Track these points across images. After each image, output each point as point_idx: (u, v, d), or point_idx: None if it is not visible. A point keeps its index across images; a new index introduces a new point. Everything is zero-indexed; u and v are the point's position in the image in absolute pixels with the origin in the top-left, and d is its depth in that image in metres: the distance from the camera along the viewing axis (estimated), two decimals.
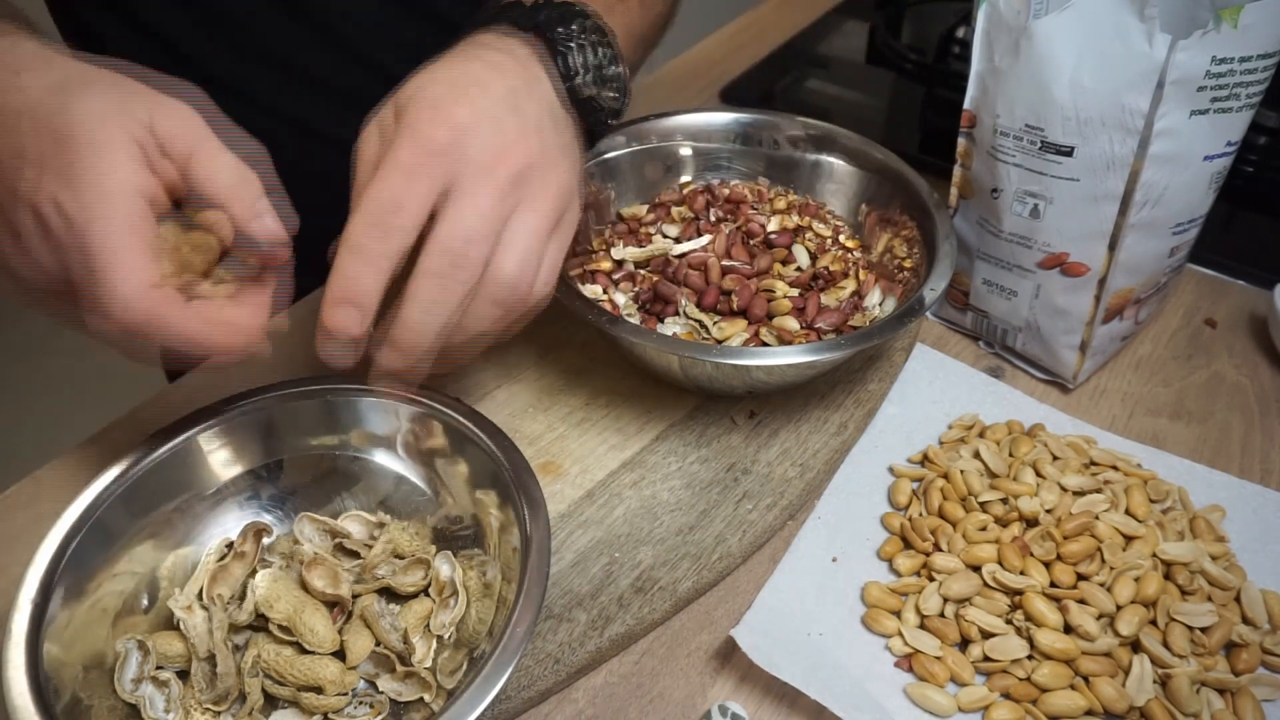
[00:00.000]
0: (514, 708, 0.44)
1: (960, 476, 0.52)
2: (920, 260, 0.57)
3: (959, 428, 0.57)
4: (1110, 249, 0.54)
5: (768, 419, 0.56)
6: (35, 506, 0.52)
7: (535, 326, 0.62)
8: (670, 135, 0.66)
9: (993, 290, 0.60)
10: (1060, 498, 0.50)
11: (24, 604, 0.38)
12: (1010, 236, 0.58)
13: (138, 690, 0.40)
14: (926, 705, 0.44)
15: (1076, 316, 0.57)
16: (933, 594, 0.47)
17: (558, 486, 0.53)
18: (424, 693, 0.41)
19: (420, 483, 0.49)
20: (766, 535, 0.51)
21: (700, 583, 0.48)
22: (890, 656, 0.46)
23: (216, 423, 0.46)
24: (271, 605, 0.42)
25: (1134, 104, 0.50)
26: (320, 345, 0.42)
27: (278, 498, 0.48)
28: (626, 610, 0.46)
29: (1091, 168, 0.53)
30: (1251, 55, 0.49)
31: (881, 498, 0.54)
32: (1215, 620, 0.46)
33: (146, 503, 0.44)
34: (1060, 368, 0.60)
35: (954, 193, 0.61)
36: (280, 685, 0.41)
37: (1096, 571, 0.47)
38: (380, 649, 0.42)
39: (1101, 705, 0.43)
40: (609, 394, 0.58)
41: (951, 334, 0.65)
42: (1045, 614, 0.45)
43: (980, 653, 0.45)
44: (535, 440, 0.55)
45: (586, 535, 0.50)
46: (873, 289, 0.59)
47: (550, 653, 0.44)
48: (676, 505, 0.51)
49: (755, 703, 0.45)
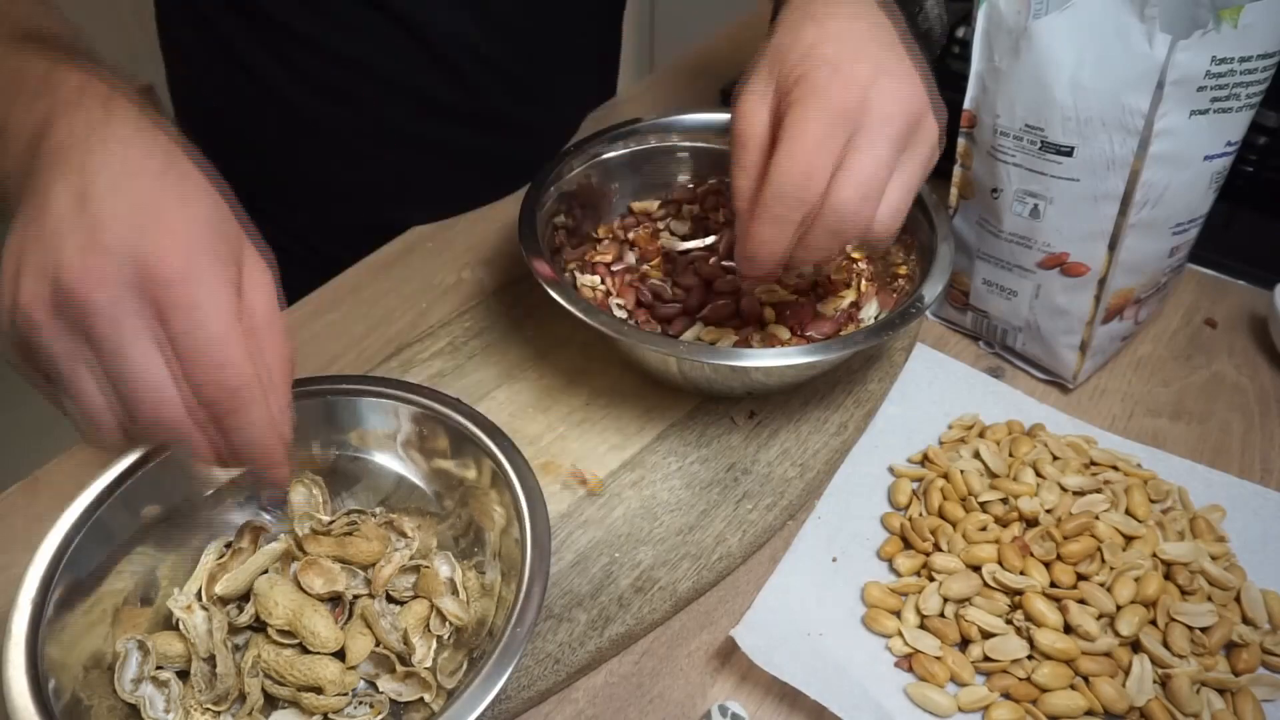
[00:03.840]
0: (514, 708, 0.44)
1: (960, 476, 0.52)
2: (916, 266, 0.57)
3: (959, 428, 0.57)
4: (1110, 249, 0.54)
5: (768, 419, 0.56)
6: (35, 507, 0.52)
7: (535, 327, 0.63)
8: (670, 135, 0.66)
9: (993, 290, 0.60)
10: (1060, 498, 0.50)
11: (24, 604, 0.38)
12: (1010, 236, 0.58)
13: (138, 690, 0.40)
14: (926, 705, 0.44)
15: (1076, 316, 0.57)
16: (933, 594, 0.47)
17: (558, 487, 0.53)
18: (424, 693, 0.41)
19: (420, 483, 0.49)
20: (766, 535, 0.51)
21: (700, 583, 0.48)
22: (890, 656, 0.46)
23: None
24: (271, 612, 0.42)
25: (1134, 104, 0.50)
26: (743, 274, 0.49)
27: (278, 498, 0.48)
28: (626, 610, 0.46)
29: (1091, 168, 0.53)
30: (1251, 55, 0.49)
31: (881, 498, 0.54)
32: (1215, 620, 0.46)
33: (146, 502, 0.44)
34: (1060, 368, 0.60)
35: (954, 193, 0.61)
36: (280, 685, 0.41)
37: (1096, 571, 0.47)
38: (380, 649, 0.42)
39: (1101, 705, 0.43)
40: (609, 394, 0.58)
41: (951, 334, 0.65)
42: (1045, 614, 0.45)
43: (980, 653, 0.45)
44: (535, 440, 0.55)
45: (586, 535, 0.50)
46: (871, 300, 0.59)
47: (550, 653, 0.44)
48: (676, 505, 0.51)
49: (755, 703, 0.45)
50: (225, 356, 0.35)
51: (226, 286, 0.36)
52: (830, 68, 0.44)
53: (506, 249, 0.70)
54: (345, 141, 0.75)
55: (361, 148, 0.75)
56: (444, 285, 0.67)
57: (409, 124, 0.75)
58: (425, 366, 0.60)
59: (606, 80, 0.91)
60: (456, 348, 0.61)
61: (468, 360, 0.60)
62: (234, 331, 0.35)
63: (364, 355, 0.61)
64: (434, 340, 0.62)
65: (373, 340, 0.62)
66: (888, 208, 0.46)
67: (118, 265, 0.34)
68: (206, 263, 0.35)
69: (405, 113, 0.74)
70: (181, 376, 0.35)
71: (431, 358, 0.60)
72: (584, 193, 0.63)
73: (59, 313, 0.34)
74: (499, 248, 0.70)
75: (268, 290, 0.38)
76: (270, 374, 0.37)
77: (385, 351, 0.61)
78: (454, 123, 0.76)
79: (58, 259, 0.34)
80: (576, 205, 0.63)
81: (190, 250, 0.35)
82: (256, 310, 0.37)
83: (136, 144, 0.37)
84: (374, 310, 0.65)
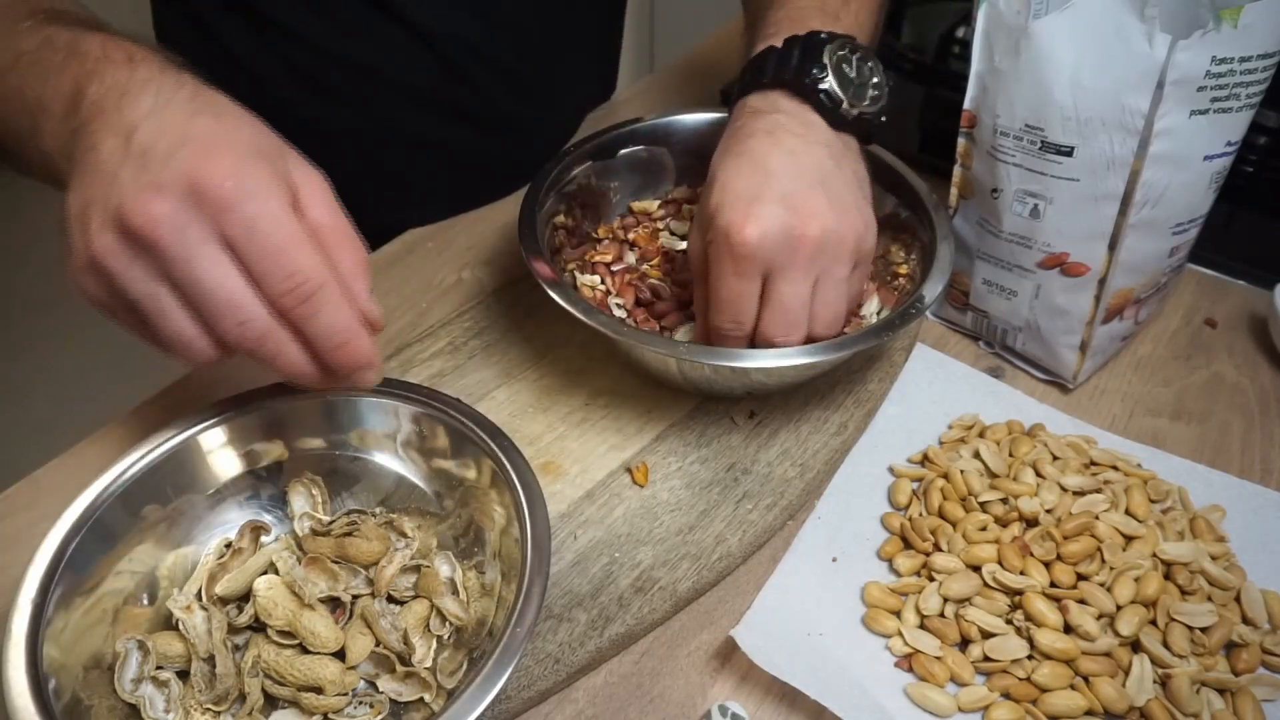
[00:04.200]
0: (514, 708, 0.44)
1: (960, 476, 0.52)
2: (916, 266, 0.57)
3: (959, 428, 0.57)
4: (1110, 249, 0.54)
5: (768, 419, 0.56)
6: (35, 507, 0.52)
7: (535, 326, 0.62)
8: (670, 135, 0.66)
9: (993, 290, 0.60)
10: (1060, 498, 0.50)
11: (24, 604, 0.38)
12: (1010, 236, 0.58)
13: (138, 690, 0.40)
14: (926, 705, 0.44)
15: (1076, 316, 0.57)
16: (933, 594, 0.47)
17: (558, 486, 0.53)
18: (424, 693, 0.41)
19: (420, 483, 0.49)
20: (766, 535, 0.51)
21: (700, 583, 0.48)
22: (890, 656, 0.46)
23: (216, 423, 0.46)
24: (270, 613, 0.42)
25: (1134, 104, 0.50)
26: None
27: (277, 498, 0.48)
28: (626, 610, 0.46)
29: (1091, 168, 0.53)
30: (1251, 55, 0.49)
31: (881, 498, 0.54)
32: (1215, 620, 0.46)
33: (146, 502, 0.44)
34: (1060, 368, 0.60)
35: (954, 193, 0.61)
36: (280, 685, 0.41)
37: (1096, 571, 0.47)
38: (380, 649, 0.42)
39: (1101, 705, 0.43)
40: (609, 394, 0.58)
41: (951, 334, 0.65)
42: (1045, 614, 0.45)
43: (980, 653, 0.45)
44: (535, 440, 0.55)
45: (586, 535, 0.50)
46: (872, 297, 0.59)
47: (550, 653, 0.44)
48: (676, 505, 0.51)
49: (755, 703, 0.45)
50: (294, 264, 0.37)
51: (279, 196, 0.37)
52: (739, 207, 0.48)
53: (506, 249, 0.70)
54: (344, 142, 0.74)
55: (361, 148, 0.75)
56: (444, 285, 0.67)
57: (409, 124, 0.75)
58: (425, 366, 0.60)
59: (606, 80, 0.91)
60: (456, 348, 0.61)
61: (468, 360, 0.60)
62: (296, 237, 0.37)
63: None
64: (434, 340, 0.62)
65: None
66: (821, 325, 0.50)
67: (173, 193, 0.36)
68: (255, 177, 0.37)
69: (405, 113, 0.74)
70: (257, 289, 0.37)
71: (431, 358, 0.60)
72: (584, 193, 0.63)
73: (131, 252, 0.36)
74: (499, 248, 0.70)
75: (324, 198, 0.41)
76: (345, 277, 0.39)
77: (385, 351, 0.61)
78: (454, 122, 0.76)
79: (118, 203, 0.36)
80: (576, 205, 0.63)
81: (237, 167, 0.37)
82: (317, 217, 0.39)
83: (164, 80, 0.39)
84: None
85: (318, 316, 0.38)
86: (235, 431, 0.47)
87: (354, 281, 0.40)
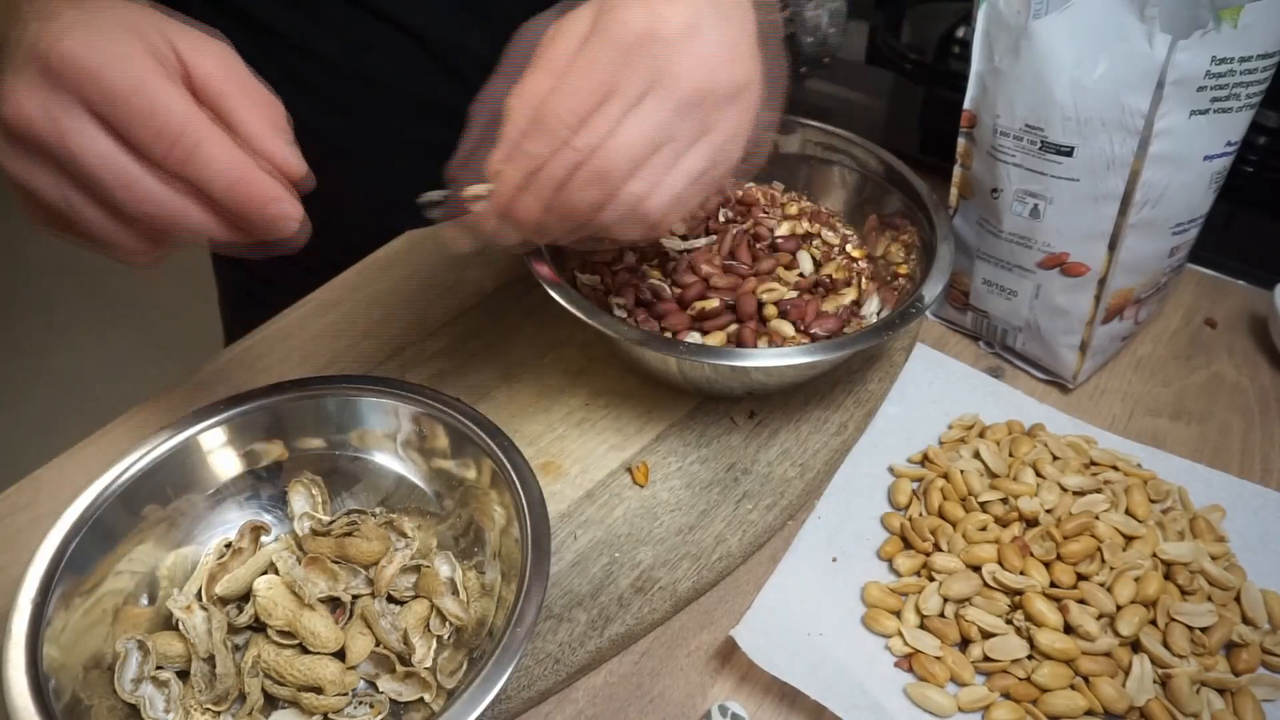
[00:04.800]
0: (514, 708, 0.44)
1: (960, 476, 0.52)
2: (916, 266, 0.57)
3: (959, 428, 0.57)
4: (1110, 249, 0.54)
5: (768, 419, 0.56)
6: (35, 507, 0.52)
7: (535, 327, 0.62)
8: None
9: (993, 290, 0.60)
10: (1060, 498, 0.50)
11: (24, 604, 0.38)
12: (1010, 236, 0.58)
13: (138, 690, 0.40)
14: (926, 705, 0.44)
15: (1076, 316, 0.57)
16: (933, 594, 0.47)
17: (558, 486, 0.53)
18: (424, 693, 0.41)
19: (420, 483, 0.49)
20: (766, 535, 0.51)
21: (700, 583, 0.48)
22: (890, 656, 0.46)
23: (216, 423, 0.46)
24: (270, 613, 0.42)
25: (1134, 104, 0.50)
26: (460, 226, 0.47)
27: (277, 498, 0.48)
28: (626, 610, 0.46)
29: (1091, 168, 0.53)
30: (1251, 55, 0.49)
31: (881, 498, 0.54)
32: (1215, 620, 0.46)
33: (146, 502, 0.44)
34: (1060, 368, 0.60)
35: (954, 193, 0.61)
36: (280, 685, 0.41)
37: (1096, 571, 0.47)
38: (380, 649, 0.42)
39: (1101, 705, 0.43)
40: (609, 394, 0.58)
41: (951, 334, 0.65)
42: (1045, 614, 0.45)
43: (980, 653, 0.45)
44: (535, 440, 0.55)
45: (586, 535, 0.50)
46: (872, 296, 0.59)
47: (550, 653, 0.44)
48: (676, 505, 0.52)
49: (755, 703, 0.45)
50: (162, 120, 0.36)
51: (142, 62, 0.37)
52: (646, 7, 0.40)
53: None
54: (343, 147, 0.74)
55: (361, 154, 0.75)
56: (444, 285, 0.67)
57: (408, 128, 0.75)
58: (425, 366, 0.60)
59: None
60: (456, 348, 0.61)
61: (468, 360, 0.60)
62: (163, 94, 0.36)
63: (364, 355, 0.61)
64: (434, 340, 0.62)
65: (373, 340, 0.62)
66: (664, 192, 0.41)
67: (36, 80, 0.36)
68: (112, 47, 0.36)
69: (404, 117, 0.74)
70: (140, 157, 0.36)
71: (431, 358, 0.60)
72: None
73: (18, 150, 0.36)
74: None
75: (215, 54, 0.40)
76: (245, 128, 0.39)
77: (385, 351, 0.61)
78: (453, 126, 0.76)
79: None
80: None
81: (91, 41, 0.36)
82: (206, 73, 0.39)
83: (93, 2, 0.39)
84: (374, 310, 0.65)
85: (195, 161, 0.37)
86: (235, 431, 0.47)
87: (258, 133, 0.39)
